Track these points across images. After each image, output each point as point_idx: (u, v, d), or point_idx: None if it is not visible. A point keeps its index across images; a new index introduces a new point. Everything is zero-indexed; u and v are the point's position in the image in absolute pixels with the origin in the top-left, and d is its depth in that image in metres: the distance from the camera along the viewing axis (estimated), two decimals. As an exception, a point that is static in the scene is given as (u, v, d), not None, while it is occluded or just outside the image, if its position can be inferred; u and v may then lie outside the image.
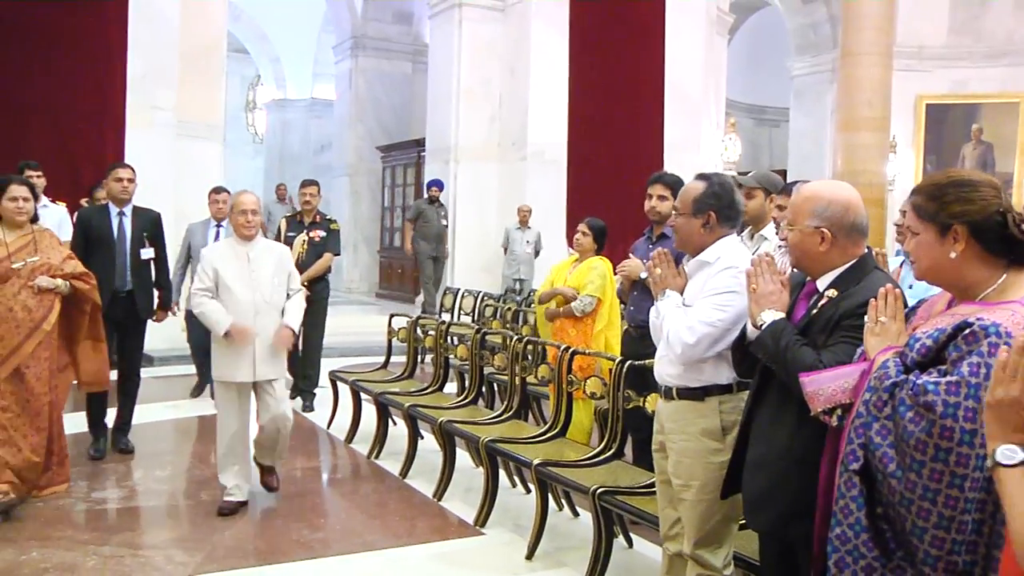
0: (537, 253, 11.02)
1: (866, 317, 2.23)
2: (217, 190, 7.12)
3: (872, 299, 2.26)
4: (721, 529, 2.97)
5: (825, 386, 2.14)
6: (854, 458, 1.97)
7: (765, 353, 2.50)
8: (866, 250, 2.56)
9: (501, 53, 11.86)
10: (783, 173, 13.67)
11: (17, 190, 4.65)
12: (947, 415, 1.78)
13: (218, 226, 6.82)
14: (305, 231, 7.21)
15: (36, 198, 4.79)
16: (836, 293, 2.45)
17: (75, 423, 5.57)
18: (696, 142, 11.98)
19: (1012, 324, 1.82)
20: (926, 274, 2.07)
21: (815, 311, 2.47)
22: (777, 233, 4.68)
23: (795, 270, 2.75)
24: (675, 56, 11.58)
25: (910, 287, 4.44)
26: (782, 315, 2.50)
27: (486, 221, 11.96)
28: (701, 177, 3.15)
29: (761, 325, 2.50)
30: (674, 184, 4.97)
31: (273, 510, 4.64)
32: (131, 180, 5.66)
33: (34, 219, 4.75)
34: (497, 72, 11.91)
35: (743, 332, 2.70)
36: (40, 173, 6.87)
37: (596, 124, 11.31)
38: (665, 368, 3.02)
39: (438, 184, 11.69)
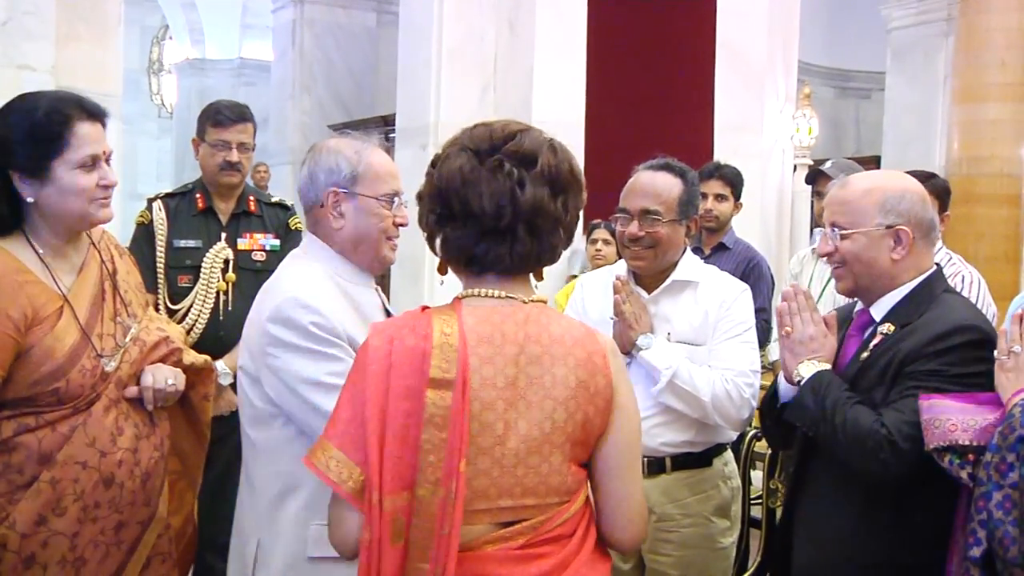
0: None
1: (995, 352, 2.23)
2: None
3: (1003, 327, 2.30)
4: None
5: (943, 416, 2.10)
6: (975, 541, 1.98)
7: (804, 419, 2.40)
8: (935, 265, 2.53)
9: (497, 2, 11.23)
10: (876, 161, 12.91)
11: (86, 130, 2.45)
12: None
13: None
14: (222, 234, 4.08)
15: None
16: (892, 328, 2.40)
17: None
18: (758, 121, 11.37)
19: None
20: None
21: (866, 353, 2.42)
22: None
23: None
24: (729, 6, 10.99)
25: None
26: (826, 367, 2.42)
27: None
28: (666, 168, 3.07)
29: (799, 381, 2.41)
30: (734, 179, 5.18)
31: None
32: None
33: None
34: (492, 28, 11.29)
35: (773, 391, 2.64)
36: None
37: (623, 97, 10.68)
38: (660, 434, 2.90)
39: None
